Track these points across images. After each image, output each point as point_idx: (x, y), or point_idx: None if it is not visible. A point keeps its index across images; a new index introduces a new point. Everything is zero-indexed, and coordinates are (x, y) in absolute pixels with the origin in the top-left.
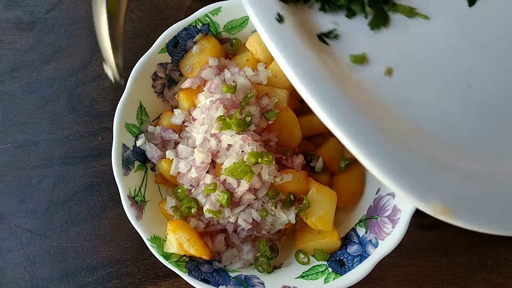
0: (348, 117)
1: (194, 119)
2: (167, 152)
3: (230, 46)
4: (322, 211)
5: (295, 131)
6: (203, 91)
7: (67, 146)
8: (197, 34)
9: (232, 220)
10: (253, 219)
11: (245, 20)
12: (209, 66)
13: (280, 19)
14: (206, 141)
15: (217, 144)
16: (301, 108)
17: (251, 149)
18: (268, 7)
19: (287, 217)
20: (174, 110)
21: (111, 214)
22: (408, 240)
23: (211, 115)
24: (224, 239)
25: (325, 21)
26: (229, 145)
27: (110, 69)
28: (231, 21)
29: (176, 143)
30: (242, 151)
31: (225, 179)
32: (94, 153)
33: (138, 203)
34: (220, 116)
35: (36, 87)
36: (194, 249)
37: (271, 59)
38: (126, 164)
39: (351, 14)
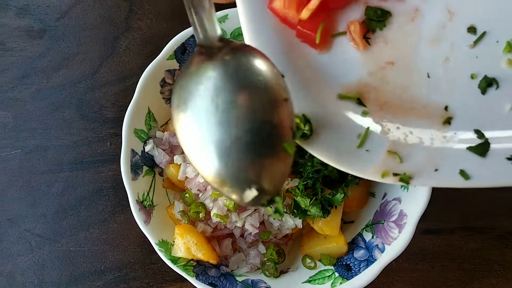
0: None
1: None
2: (175, 157)
3: None
4: (329, 216)
5: None
6: None
7: (76, 151)
8: None
9: (239, 224)
10: (260, 224)
11: None
12: None
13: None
14: None
15: None
16: None
17: None
18: None
19: (293, 221)
20: None
21: (119, 218)
22: (414, 245)
23: None
24: (231, 244)
25: None
26: None
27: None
28: (238, 28)
29: None
30: None
31: None
32: (102, 159)
33: (147, 207)
34: None
35: (46, 94)
36: (202, 253)
37: None
38: (135, 169)
39: None
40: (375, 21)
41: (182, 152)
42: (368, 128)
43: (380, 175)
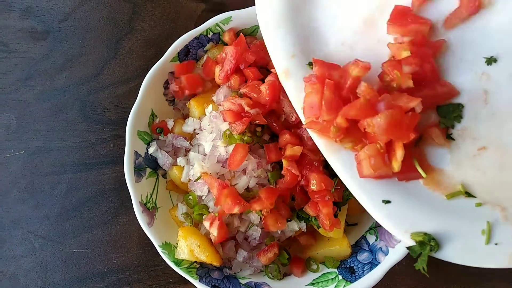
0: None
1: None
2: (178, 159)
3: None
4: None
5: None
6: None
7: (80, 153)
8: (208, 43)
9: (242, 229)
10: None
11: (255, 29)
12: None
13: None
14: (216, 149)
15: (226, 152)
16: None
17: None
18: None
19: (298, 224)
20: (186, 118)
21: (122, 220)
22: None
23: (218, 124)
24: (235, 246)
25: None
26: None
27: None
28: (241, 30)
29: (187, 150)
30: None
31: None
32: (106, 160)
33: (150, 209)
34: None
35: (50, 95)
36: (205, 255)
37: None
38: (138, 171)
39: None
40: (451, 118)
41: (186, 154)
42: (489, 222)
43: None
